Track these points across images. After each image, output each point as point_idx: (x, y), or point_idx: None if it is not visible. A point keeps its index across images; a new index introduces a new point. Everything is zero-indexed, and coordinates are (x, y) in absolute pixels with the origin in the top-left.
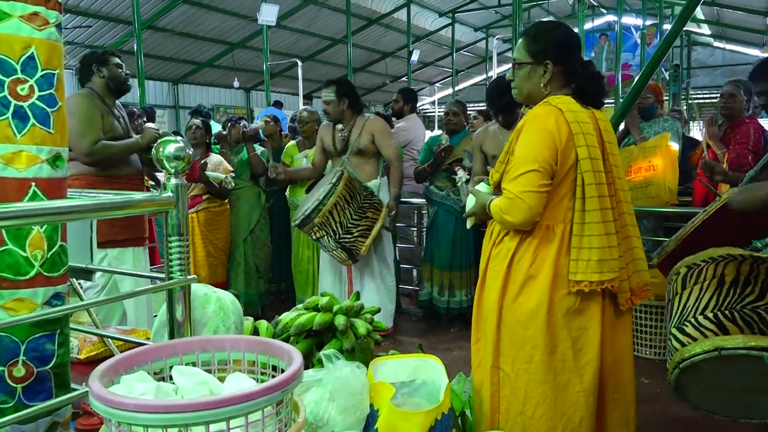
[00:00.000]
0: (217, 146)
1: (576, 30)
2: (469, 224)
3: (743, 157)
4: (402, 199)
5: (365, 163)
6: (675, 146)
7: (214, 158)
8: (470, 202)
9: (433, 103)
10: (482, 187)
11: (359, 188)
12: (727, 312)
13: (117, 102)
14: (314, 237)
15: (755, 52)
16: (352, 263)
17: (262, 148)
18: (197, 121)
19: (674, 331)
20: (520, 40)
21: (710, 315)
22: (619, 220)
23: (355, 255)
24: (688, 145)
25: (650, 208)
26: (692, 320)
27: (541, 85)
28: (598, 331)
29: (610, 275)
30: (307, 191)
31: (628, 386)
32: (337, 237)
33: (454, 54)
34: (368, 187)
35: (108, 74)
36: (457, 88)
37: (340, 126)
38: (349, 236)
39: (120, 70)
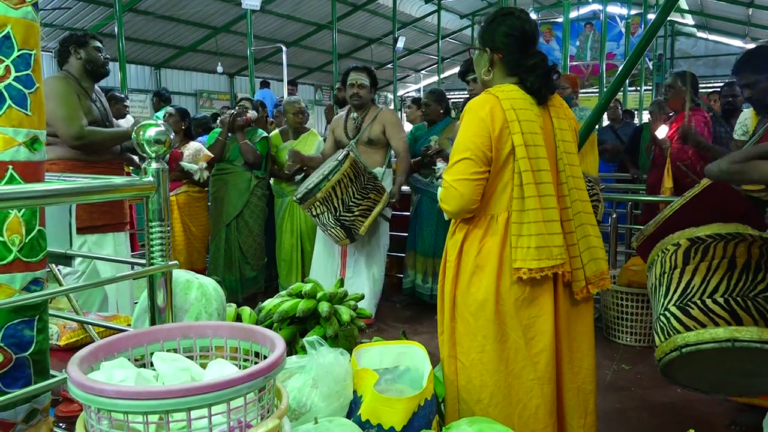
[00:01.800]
0: (217, 130)
1: (560, 19)
2: (446, 215)
3: (685, 150)
4: None
5: (374, 152)
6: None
7: (193, 146)
8: (439, 194)
9: (418, 90)
10: None
11: (363, 171)
12: (739, 299)
13: (96, 87)
14: (313, 213)
15: (738, 43)
16: (349, 242)
17: (264, 133)
18: (171, 109)
19: (674, 310)
20: None
21: (720, 300)
22: (572, 208)
23: (354, 234)
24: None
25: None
26: (698, 302)
27: (482, 71)
28: (551, 320)
29: (549, 262)
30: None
31: (588, 376)
32: (338, 214)
33: (440, 41)
34: (372, 172)
35: (85, 56)
36: (442, 76)
37: (354, 114)
38: (350, 214)
39: (99, 54)
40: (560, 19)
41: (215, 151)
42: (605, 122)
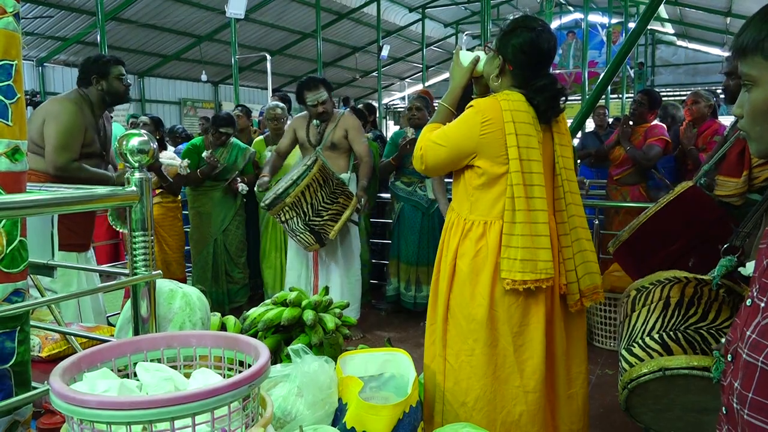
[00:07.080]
0: (195, 140)
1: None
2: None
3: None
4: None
5: (337, 157)
6: None
7: (166, 155)
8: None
9: (403, 98)
10: None
11: (332, 176)
12: (671, 333)
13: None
14: (282, 219)
15: (717, 51)
16: (319, 247)
17: (252, 150)
18: (145, 118)
19: (623, 352)
20: None
21: (656, 336)
22: (569, 223)
23: (323, 239)
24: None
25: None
26: (639, 341)
27: (492, 74)
28: (541, 328)
29: (533, 276)
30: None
31: (583, 384)
32: (307, 219)
33: (424, 49)
34: (340, 178)
35: (107, 88)
36: (426, 84)
37: (316, 121)
38: (319, 219)
39: (120, 83)
40: (549, 40)
41: (190, 183)
42: (589, 128)
